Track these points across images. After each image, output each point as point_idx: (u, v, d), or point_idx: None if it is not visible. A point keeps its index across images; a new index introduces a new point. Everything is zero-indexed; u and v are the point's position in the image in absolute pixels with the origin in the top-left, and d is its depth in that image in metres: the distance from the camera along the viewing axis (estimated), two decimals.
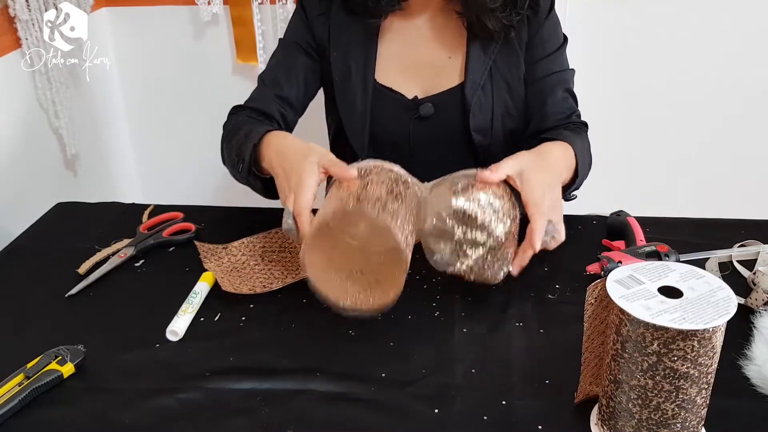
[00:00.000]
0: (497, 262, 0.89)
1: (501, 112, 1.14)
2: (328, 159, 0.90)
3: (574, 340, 0.78)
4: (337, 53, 1.14)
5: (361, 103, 1.14)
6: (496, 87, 1.12)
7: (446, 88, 1.13)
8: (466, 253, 0.89)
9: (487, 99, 1.12)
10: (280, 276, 0.98)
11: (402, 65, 1.15)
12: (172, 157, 1.93)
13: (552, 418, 0.74)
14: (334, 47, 1.14)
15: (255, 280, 0.97)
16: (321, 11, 1.15)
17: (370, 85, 1.14)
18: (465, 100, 1.12)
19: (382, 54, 1.15)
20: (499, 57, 1.12)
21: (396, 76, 1.15)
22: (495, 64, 1.12)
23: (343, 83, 1.15)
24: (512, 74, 1.13)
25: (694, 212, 1.16)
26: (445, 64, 1.14)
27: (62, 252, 1.06)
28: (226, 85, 1.79)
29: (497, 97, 1.13)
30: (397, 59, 1.15)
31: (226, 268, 1.00)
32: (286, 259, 1.02)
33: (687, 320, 0.61)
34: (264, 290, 0.95)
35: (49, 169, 1.52)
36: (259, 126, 1.05)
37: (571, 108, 1.15)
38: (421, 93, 1.14)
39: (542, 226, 0.88)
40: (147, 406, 0.77)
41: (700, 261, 0.99)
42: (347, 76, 1.14)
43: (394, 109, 1.15)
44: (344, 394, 0.78)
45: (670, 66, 1.73)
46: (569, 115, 1.14)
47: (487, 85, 1.12)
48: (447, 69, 1.14)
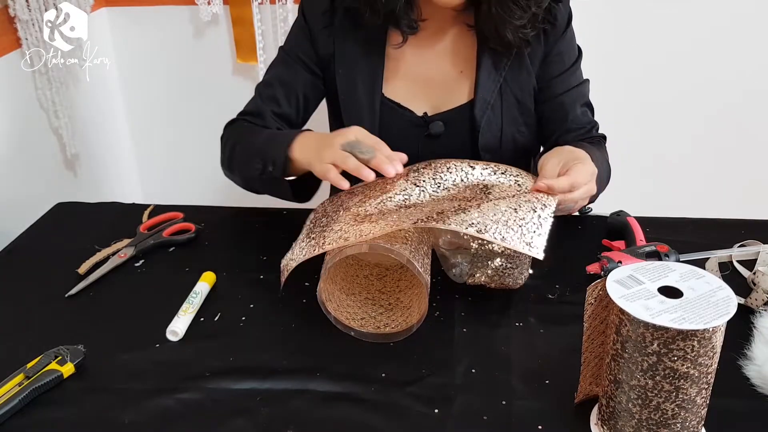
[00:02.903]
0: (516, 269, 0.90)
1: (511, 131, 1.11)
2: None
3: (574, 340, 0.78)
4: (343, 69, 1.11)
5: (368, 119, 1.10)
6: (506, 104, 1.10)
7: (456, 105, 1.10)
8: (485, 263, 0.89)
9: (496, 117, 1.10)
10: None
11: (411, 80, 1.11)
12: (172, 157, 1.93)
13: (552, 418, 0.74)
14: (339, 63, 1.11)
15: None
16: (325, 24, 1.10)
17: (378, 101, 1.10)
18: (474, 120, 1.09)
19: (390, 68, 1.11)
20: (510, 73, 1.09)
21: (405, 91, 1.11)
22: (505, 81, 1.09)
23: (350, 99, 1.11)
24: (523, 91, 1.10)
25: (694, 212, 1.16)
26: (455, 80, 1.11)
27: (62, 252, 1.06)
28: (226, 85, 1.79)
29: (507, 115, 1.10)
30: (406, 73, 1.11)
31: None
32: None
33: (687, 320, 0.61)
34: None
35: (49, 169, 1.52)
36: (279, 131, 1.05)
37: (591, 122, 1.14)
38: (431, 109, 1.11)
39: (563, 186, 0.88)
40: (147, 406, 0.77)
41: (700, 261, 0.99)
42: (353, 91, 1.11)
43: (403, 126, 1.11)
44: (344, 394, 0.78)
45: (671, 65, 1.73)
46: (589, 130, 1.13)
47: (496, 103, 1.09)
48: (457, 84, 1.11)
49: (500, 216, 0.82)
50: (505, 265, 0.89)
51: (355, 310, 0.89)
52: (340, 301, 0.89)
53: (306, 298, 0.93)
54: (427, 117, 1.11)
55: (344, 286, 0.92)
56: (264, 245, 1.07)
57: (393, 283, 0.94)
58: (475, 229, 0.80)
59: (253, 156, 1.04)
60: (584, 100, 1.15)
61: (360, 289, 0.93)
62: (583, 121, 1.13)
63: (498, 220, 0.81)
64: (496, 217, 0.82)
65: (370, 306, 0.90)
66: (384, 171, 0.89)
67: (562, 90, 1.12)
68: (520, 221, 0.82)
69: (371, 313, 0.89)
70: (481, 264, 0.90)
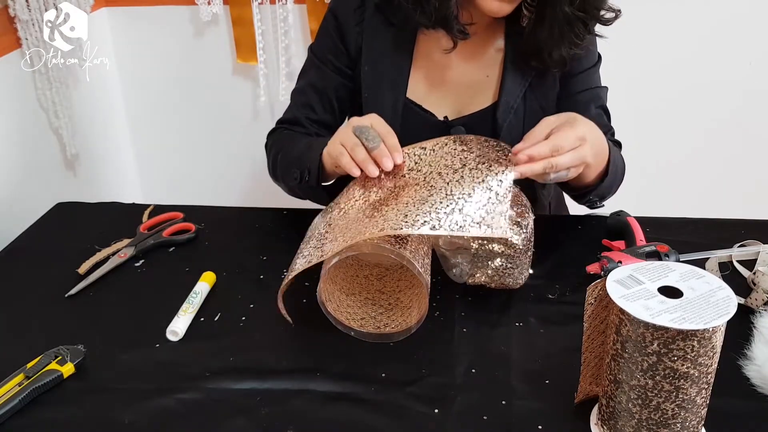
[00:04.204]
0: (516, 269, 0.90)
1: None
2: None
3: (574, 340, 0.78)
4: (368, 67, 1.10)
5: (390, 119, 1.07)
6: (528, 111, 1.08)
7: (478, 109, 1.09)
8: (485, 263, 0.89)
9: (518, 122, 1.08)
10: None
11: (435, 82, 1.10)
12: (172, 157, 1.93)
13: (552, 418, 0.74)
14: (366, 59, 1.10)
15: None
16: (356, 21, 1.09)
17: (401, 102, 1.09)
18: (496, 123, 1.08)
19: (416, 69, 1.10)
20: (536, 80, 1.08)
21: (427, 94, 1.10)
22: (530, 87, 1.08)
23: (373, 97, 1.10)
24: (547, 98, 1.09)
25: (694, 212, 1.16)
26: (480, 84, 1.09)
27: (62, 252, 1.06)
28: (226, 85, 1.79)
29: (529, 121, 1.07)
30: (431, 76, 1.10)
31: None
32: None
33: (687, 320, 0.61)
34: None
35: (49, 169, 1.52)
36: (316, 138, 1.06)
37: (606, 126, 1.14)
38: (452, 113, 1.10)
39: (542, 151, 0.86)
40: (147, 406, 0.77)
41: (700, 261, 0.99)
42: (377, 90, 1.10)
43: (424, 129, 1.09)
44: (344, 394, 0.78)
45: (671, 65, 1.73)
46: (605, 133, 1.13)
47: (519, 108, 1.08)
48: (482, 89, 1.09)
49: (454, 205, 0.81)
50: (506, 265, 0.89)
51: (355, 310, 0.89)
52: (340, 301, 0.89)
53: (306, 298, 0.93)
54: (449, 121, 1.10)
55: (344, 286, 0.92)
56: (264, 245, 1.07)
57: (393, 283, 0.94)
58: (429, 227, 0.79)
59: (291, 165, 1.06)
60: (600, 102, 1.14)
61: (360, 289, 0.93)
62: (600, 124, 1.12)
63: (453, 210, 0.81)
64: (450, 207, 0.81)
65: (370, 306, 0.90)
66: (381, 163, 0.88)
67: (579, 89, 1.11)
68: (476, 204, 0.81)
69: (371, 313, 0.89)
70: (481, 264, 0.90)
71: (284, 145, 1.11)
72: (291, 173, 1.05)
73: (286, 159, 1.08)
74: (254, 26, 1.69)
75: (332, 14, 1.12)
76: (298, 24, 1.71)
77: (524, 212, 0.89)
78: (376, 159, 0.88)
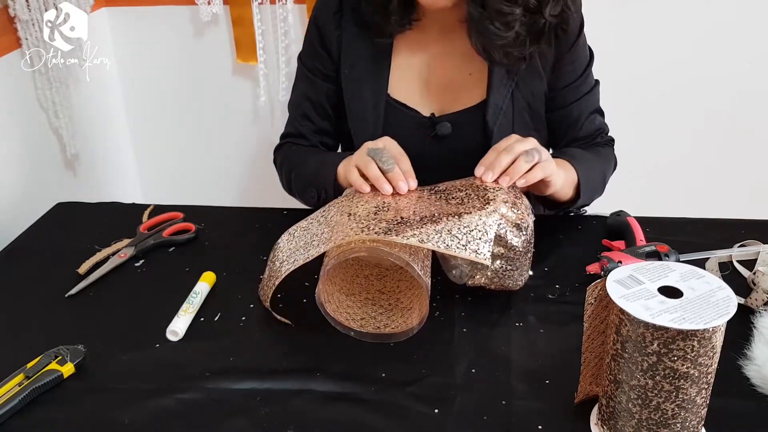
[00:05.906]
0: (516, 271, 0.90)
1: (521, 135, 1.11)
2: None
3: (574, 340, 0.78)
4: (348, 69, 1.11)
5: (372, 118, 1.10)
6: (517, 109, 1.09)
7: (465, 107, 1.09)
8: (485, 265, 0.89)
9: (507, 122, 1.09)
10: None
11: (418, 80, 1.11)
12: (172, 157, 1.93)
13: (552, 418, 0.74)
14: (345, 62, 1.11)
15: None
16: (335, 25, 1.10)
17: (382, 101, 1.10)
18: (486, 125, 1.08)
19: (397, 67, 1.10)
20: (522, 79, 1.08)
21: (411, 92, 1.11)
22: (517, 86, 1.08)
23: (354, 98, 1.11)
24: (535, 96, 1.09)
25: (694, 212, 1.16)
26: (464, 82, 1.09)
27: (62, 252, 1.06)
28: (226, 85, 1.79)
29: (518, 120, 1.09)
30: (413, 74, 1.10)
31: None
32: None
33: (687, 320, 0.61)
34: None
35: (49, 169, 1.52)
36: (327, 154, 1.10)
37: (598, 129, 1.15)
38: (438, 110, 1.11)
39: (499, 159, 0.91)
40: (147, 406, 0.77)
41: (700, 261, 0.99)
42: (358, 90, 1.11)
43: (409, 127, 1.10)
44: (344, 394, 0.78)
45: (670, 65, 1.73)
46: (596, 137, 1.14)
47: (508, 108, 1.08)
48: (467, 86, 1.09)
49: (443, 225, 0.83)
50: (505, 267, 0.89)
51: (354, 310, 0.89)
52: (340, 301, 0.89)
53: (306, 298, 0.93)
54: (434, 118, 1.10)
55: (344, 287, 0.92)
56: (264, 245, 1.07)
57: (393, 284, 0.94)
58: (417, 239, 0.81)
59: (307, 186, 1.10)
60: (594, 107, 1.14)
61: (360, 290, 0.93)
62: (591, 129, 1.13)
63: (441, 230, 0.83)
64: (439, 227, 0.83)
65: (369, 306, 0.90)
66: (396, 186, 0.91)
67: (573, 99, 1.11)
68: (465, 229, 0.83)
69: (371, 313, 0.89)
70: (481, 266, 0.90)
71: (295, 163, 1.14)
72: (308, 192, 1.09)
73: (300, 178, 1.12)
74: (254, 26, 1.69)
75: (313, 22, 1.13)
76: (298, 24, 1.70)
77: (524, 215, 0.89)
78: (391, 181, 0.92)
